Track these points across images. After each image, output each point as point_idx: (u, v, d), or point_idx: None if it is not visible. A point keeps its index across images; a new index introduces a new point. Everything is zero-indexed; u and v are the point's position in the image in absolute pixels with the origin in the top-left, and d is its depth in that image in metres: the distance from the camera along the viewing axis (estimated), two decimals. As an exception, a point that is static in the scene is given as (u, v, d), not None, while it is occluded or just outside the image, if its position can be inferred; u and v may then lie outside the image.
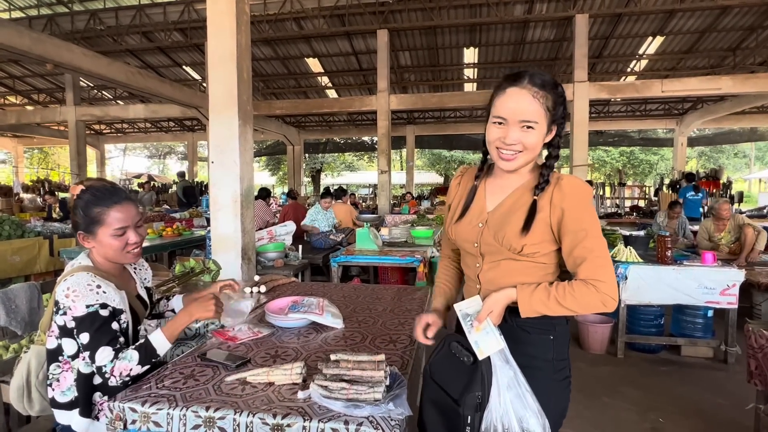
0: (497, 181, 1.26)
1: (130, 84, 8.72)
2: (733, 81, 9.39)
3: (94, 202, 1.35)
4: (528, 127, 1.12)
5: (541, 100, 1.11)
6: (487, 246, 1.20)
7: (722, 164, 23.47)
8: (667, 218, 6.12)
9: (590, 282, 1.08)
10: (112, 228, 1.35)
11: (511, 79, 1.14)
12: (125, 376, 1.26)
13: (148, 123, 19.31)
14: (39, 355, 1.39)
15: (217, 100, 3.64)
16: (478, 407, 1.08)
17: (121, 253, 1.38)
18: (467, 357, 1.13)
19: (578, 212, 1.12)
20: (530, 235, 1.14)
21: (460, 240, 1.27)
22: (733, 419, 2.65)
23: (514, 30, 10.94)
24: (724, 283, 3.39)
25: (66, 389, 1.33)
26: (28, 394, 1.38)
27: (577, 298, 1.08)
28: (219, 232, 3.61)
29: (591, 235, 1.11)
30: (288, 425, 1.07)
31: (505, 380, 1.08)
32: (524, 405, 1.07)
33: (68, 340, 1.31)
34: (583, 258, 1.10)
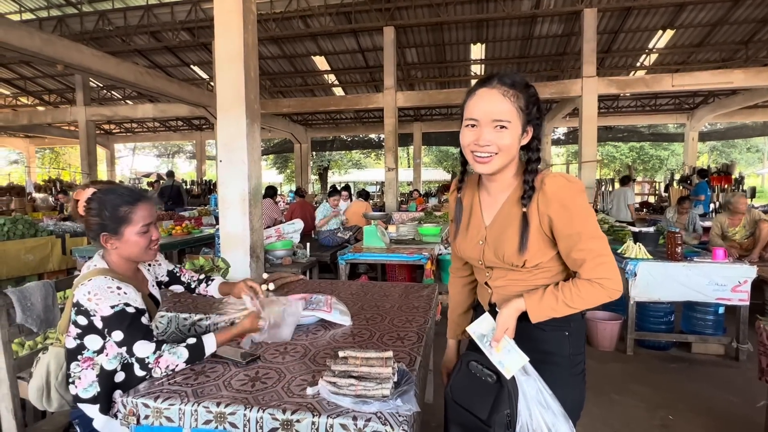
0: (487, 193, 1.25)
1: (138, 84, 8.79)
2: (746, 74, 9.24)
3: (121, 202, 1.36)
4: (501, 126, 1.10)
5: (512, 99, 1.10)
6: (491, 262, 1.23)
7: (734, 159, 23.14)
8: (676, 214, 6.06)
9: (595, 281, 1.09)
10: (138, 226, 1.37)
11: (482, 81, 1.14)
12: (170, 369, 1.30)
13: (156, 122, 19.48)
14: (58, 357, 1.41)
15: (225, 99, 3.66)
16: (508, 425, 1.07)
17: (145, 250, 1.42)
18: (490, 376, 1.12)
19: (566, 217, 1.10)
20: (528, 251, 1.13)
21: (467, 258, 1.31)
22: (744, 417, 2.62)
23: (522, 25, 10.85)
24: (736, 279, 3.35)
25: (88, 386, 1.36)
26: (47, 394, 1.41)
27: (584, 297, 1.10)
28: (228, 230, 3.64)
29: (585, 235, 1.09)
30: (297, 421, 1.08)
31: (532, 393, 1.08)
32: (552, 412, 1.07)
33: (92, 336, 1.34)
34: (583, 260, 1.09)
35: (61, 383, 1.41)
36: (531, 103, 1.13)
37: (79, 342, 1.35)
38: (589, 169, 9.90)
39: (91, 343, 1.35)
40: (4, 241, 4.70)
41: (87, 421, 1.37)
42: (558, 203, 1.10)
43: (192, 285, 1.76)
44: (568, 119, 15.54)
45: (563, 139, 21.71)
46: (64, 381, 1.42)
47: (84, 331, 1.34)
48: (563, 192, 1.10)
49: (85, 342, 1.35)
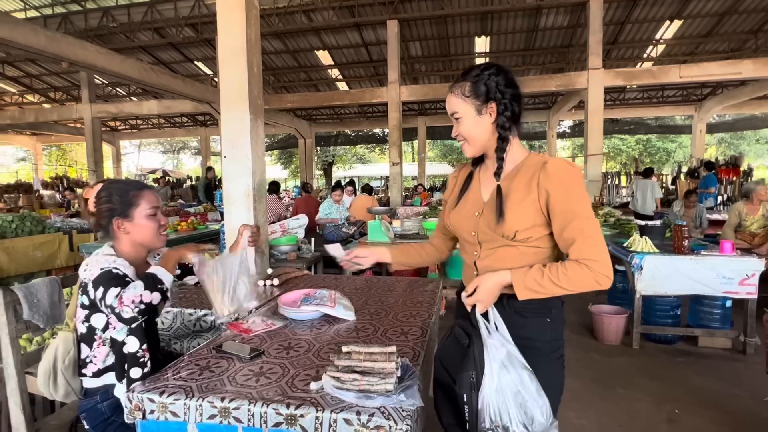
0: (487, 171, 1.34)
1: (143, 80, 8.81)
2: (755, 65, 9.11)
3: (128, 188, 1.47)
4: (456, 119, 1.27)
5: (457, 91, 1.25)
6: (484, 234, 1.26)
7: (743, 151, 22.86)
8: (683, 207, 6.00)
9: (583, 262, 1.11)
10: (147, 208, 1.45)
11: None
12: (138, 302, 1.26)
13: (161, 119, 19.54)
14: (66, 341, 1.45)
15: (229, 94, 3.65)
16: (473, 386, 1.11)
17: (156, 234, 1.48)
18: (464, 339, 1.19)
19: (564, 194, 1.14)
20: (521, 220, 1.18)
21: (458, 229, 1.35)
22: (751, 410, 2.61)
23: (527, 17, 10.75)
24: (744, 272, 3.32)
25: (105, 357, 1.40)
26: (54, 378, 1.44)
27: (571, 277, 1.12)
28: (232, 226, 3.65)
29: (580, 215, 1.13)
30: (301, 415, 1.09)
31: (499, 360, 1.10)
32: (522, 385, 1.09)
33: (97, 315, 1.38)
34: (573, 239, 1.13)
35: (68, 367, 1.45)
36: (479, 82, 1.22)
37: (88, 324, 1.38)
38: (595, 162, 9.83)
39: (97, 322, 1.38)
40: (12, 238, 4.74)
41: (95, 414, 1.39)
42: (558, 180, 1.15)
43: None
44: (574, 112, 15.40)
45: (569, 132, 21.53)
46: (71, 366, 1.46)
47: (90, 311, 1.37)
48: (563, 172, 1.16)
49: (92, 323, 1.38)
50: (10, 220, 4.90)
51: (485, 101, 1.22)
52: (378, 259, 1.56)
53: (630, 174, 14.23)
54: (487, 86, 1.21)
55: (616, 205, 9.36)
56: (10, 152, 30.44)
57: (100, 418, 1.39)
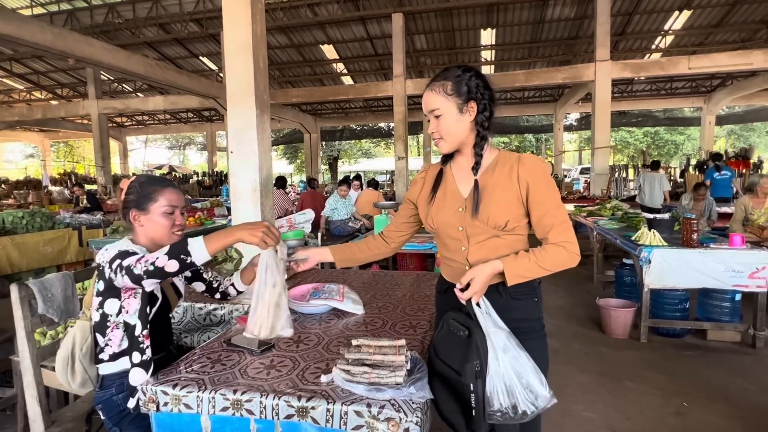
0: (461, 168, 1.38)
1: (148, 76, 8.85)
2: (766, 55, 8.97)
3: (151, 182, 1.49)
4: (436, 116, 1.30)
5: (438, 89, 1.29)
6: (473, 228, 1.31)
7: (753, 143, 22.55)
8: (692, 201, 5.95)
9: (560, 245, 1.25)
10: (164, 205, 1.46)
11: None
12: (150, 263, 1.23)
13: (167, 114, 19.63)
14: (83, 329, 1.47)
15: (234, 90, 3.66)
16: (478, 374, 1.16)
17: (168, 231, 1.48)
18: (462, 331, 1.22)
19: (542, 185, 1.27)
20: (509, 211, 1.27)
21: (444, 226, 1.37)
22: (760, 403, 2.60)
23: (533, 9, 10.65)
24: (754, 265, 3.29)
25: (120, 341, 1.41)
26: (72, 365, 1.46)
27: (554, 259, 1.25)
28: (239, 221, 3.67)
29: (555, 204, 1.27)
30: (312, 408, 1.10)
31: (501, 344, 1.17)
32: (521, 364, 1.16)
33: (110, 301, 1.39)
34: (552, 225, 1.26)
35: (86, 355, 1.47)
36: (460, 83, 1.28)
37: (102, 311, 1.40)
38: (603, 155, 9.75)
39: (110, 309, 1.40)
40: (23, 234, 4.80)
41: (110, 405, 1.41)
42: (536, 173, 1.28)
43: (214, 284, 1.77)
44: (581, 104, 15.27)
45: (575, 125, 21.36)
46: (88, 353, 1.48)
47: (103, 297, 1.39)
48: (539, 166, 1.30)
49: (106, 309, 1.39)
50: (20, 216, 4.96)
51: (466, 100, 1.27)
52: (320, 260, 1.59)
53: (638, 167, 14.10)
54: (468, 86, 1.28)
55: (624, 198, 9.28)
56: (18, 149, 30.73)
57: (116, 410, 1.41)
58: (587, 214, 6.01)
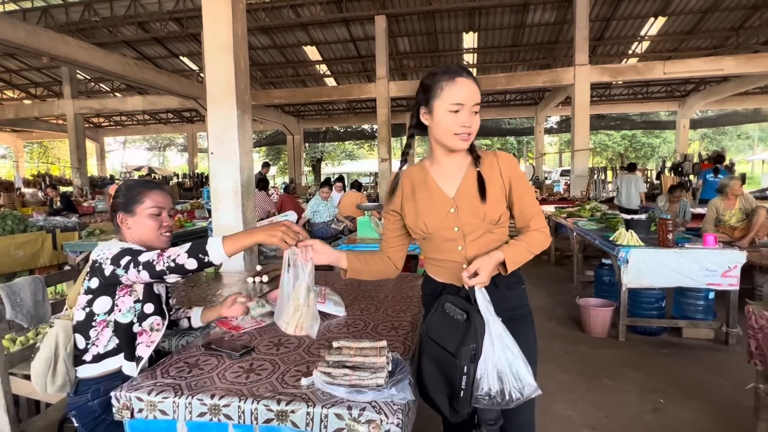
0: (443, 169, 1.39)
1: (126, 75, 8.66)
2: (737, 61, 9.28)
3: (137, 185, 1.52)
4: (475, 112, 1.30)
5: (479, 89, 1.31)
6: (469, 226, 1.33)
7: (725, 146, 23.31)
8: (668, 202, 6.10)
9: (541, 230, 1.37)
10: (150, 207, 1.47)
11: (455, 70, 1.29)
12: (171, 260, 1.26)
13: (146, 115, 19.25)
14: (66, 329, 1.42)
15: (215, 90, 3.61)
16: (472, 358, 1.20)
17: (155, 233, 1.48)
18: (461, 315, 1.25)
19: (522, 179, 1.38)
20: (501, 205, 1.33)
21: (438, 230, 1.36)
22: (733, 399, 2.67)
23: (514, 13, 10.80)
24: (726, 264, 3.39)
25: (107, 341, 1.39)
26: (54, 367, 1.40)
27: (538, 243, 1.36)
28: (220, 223, 3.62)
29: (532, 195, 1.40)
30: (292, 411, 1.08)
31: (497, 331, 1.21)
32: (513, 353, 1.21)
33: (101, 299, 1.37)
34: (533, 214, 1.38)
35: (69, 355, 1.42)
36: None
37: (89, 310, 1.38)
38: (582, 157, 9.94)
39: (100, 307, 1.38)
40: (-7, 237, 4.64)
41: (85, 412, 1.37)
42: (515, 168, 1.38)
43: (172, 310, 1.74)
44: (561, 108, 15.54)
45: (555, 128, 21.73)
46: (71, 354, 1.43)
47: (94, 295, 1.37)
48: (515, 161, 1.41)
49: (94, 308, 1.38)
50: (-10, 218, 4.79)
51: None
52: (332, 261, 1.39)
53: (616, 169, 14.42)
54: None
55: (602, 199, 9.47)
56: (-11, 149, 29.69)
57: (91, 416, 1.37)
58: (567, 215, 6.11)
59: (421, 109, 1.34)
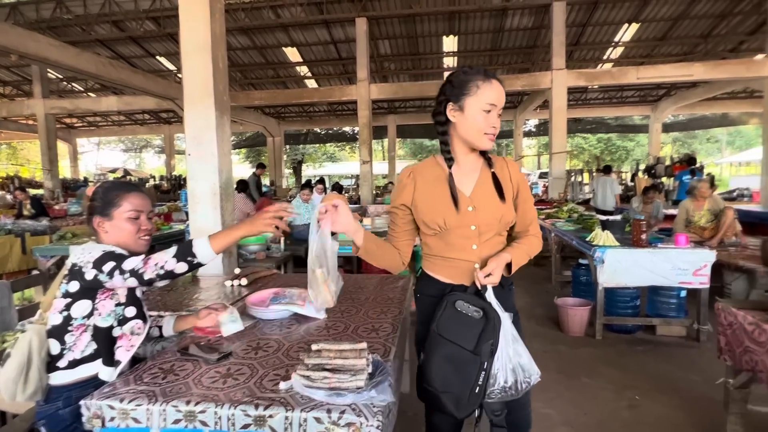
0: (460, 167, 1.42)
1: (100, 75, 8.44)
2: (705, 67, 9.61)
3: (114, 188, 1.48)
4: (499, 114, 1.35)
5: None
6: (486, 225, 1.37)
7: (695, 149, 24.10)
8: (642, 203, 6.27)
9: (537, 236, 1.46)
10: (127, 210, 1.43)
11: (490, 72, 1.34)
12: (159, 266, 1.27)
13: (122, 116, 18.78)
14: (40, 334, 1.37)
15: (193, 90, 3.55)
16: (491, 353, 1.26)
17: (134, 237, 1.44)
18: (477, 312, 1.29)
19: (526, 184, 1.45)
20: (512, 209, 1.40)
21: (457, 226, 1.37)
22: (704, 394, 2.75)
23: (493, 18, 10.95)
24: (697, 263, 3.50)
25: (85, 346, 1.35)
26: (26, 373, 1.35)
27: (535, 247, 1.44)
28: (198, 226, 3.55)
29: (532, 201, 1.48)
30: (270, 416, 1.07)
31: (509, 326, 1.29)
32: (520, 344, 1.30)
33: (80, 303, 1.33)
34: (531, 219, 1.46)
35: (44, 361, 1.37)
36: None
37: (66, 314, 1.33)
38: (560, 159, 10.13)
39: (78, 311, 1.34)
40: (-43, 242, 4.45)
41: (55, 421, 1.32)
42: (521, 174, 1.45)
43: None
44: (539, 111, 15.82)
45: (534, 131, 22.09)
46: (45, 360, 1.38)
47: (73, 299, 1.33)
48: (518, 168, 1.48)
49: (72, 312, 1.33)
50: (-46, 222, 4.59)
51: None
52: (350, 232, 1.36)
53: (592, 171, 14.74)
54: None
55: (579, 201, 9.68)
56: (-46, 151, 28.49)
57: (62, 425, 1.32)
58: (545, 217, 6.21)
59: (449, 104, 1.34)
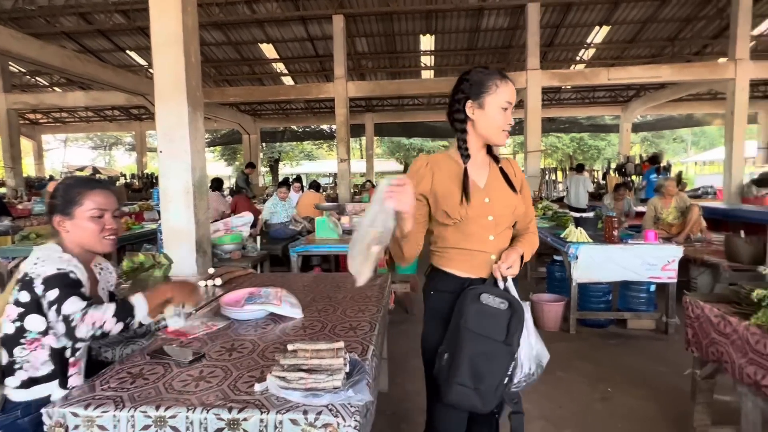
0: (474, 162, 1.46)
1: (66, 69, 8.11)
2: (672, 69, 9.93)
3: (76, 185, 1.39)
4: (511, 110, 1.44)
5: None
6: (503, 217, 1.42)
7: (662, 149, 24.93)
8: (613, 200, 6.44)
9: (536, 233, 1.54)
10: (90, 209, 1.35)
11: (504, 73, 1.42)
12: (97, 327, 1.20)
13: (90, 112, 18.12)
14: None
15: (164, 85, 3.44)
16: (518, 342, 1.32)
17: (97, 237, 1.37)
18: (502, 303, 1.32)
19: (527, 184, 1.53)
20: (521, 201, 1.46)
21: (476, 216, 1.38)
22: (673, 385, 2.85)
23: (470, 18, 11.03)
24: (665, 259, 3.62)
25: (41, 365, 1.27)
26: None
27: (536, 244, 1.51)
28: (171, 225, 3.45)
29: (531, 200, 1.56)
30: (244, 419, 1.04)
31: (528, 315, 1.35)
32: (536, 332, 1.38)
33: (34, 317, 1.26)
34: (532, 217, 1.53)
35: None
36: None
37: (20, 324, 1.26)
38: (534, 158, 10.31)
39: (32, 325, 1.26)
40: None
41: (14, 431, 1.25)
42: (522, 174, 1.54)
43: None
44: (514, 111, 16.02)
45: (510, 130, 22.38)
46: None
47: (26, 310, 1.25)
48: (519, 167, 1.56)
49: (26, 324, 1.26)
50: None
51: None
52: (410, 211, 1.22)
53: (565, 170, 15.06)
54: None
55: (553, 199, 9.88)
56: None
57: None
58: (521, 215, 6.30)
59: (468, 102, 1.38)
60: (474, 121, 1.39)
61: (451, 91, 1.45)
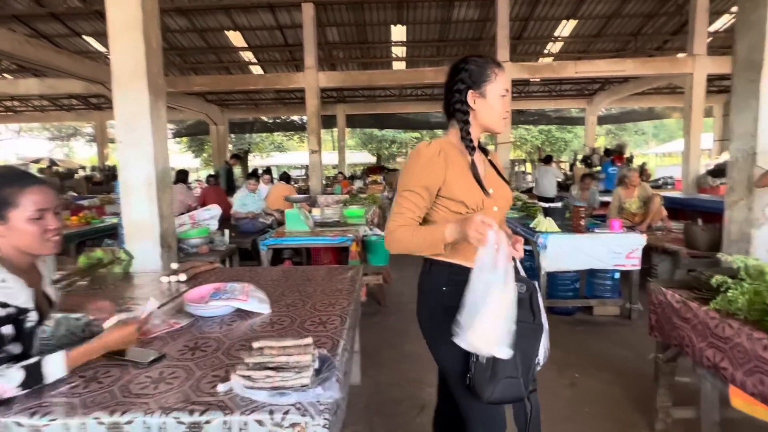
0: (477, 153, 1.48)
1: (16, 54, 7.61)
2: (635, 64, 10.24)
3: (7, 182, 1.20)
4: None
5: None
6: (504, 207, 1.47)
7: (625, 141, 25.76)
8: (580, 190, 6.60)
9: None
10: (28, 211, 1.19)
11: (498, 61, 1.41)
12: None
13: (44, 100, 17.16)
14: None
15: (122, 72, 3.27)
16: (545, 319, 1.38)
17: (40, 240, 1.22)
18: (521, 286, 1.32)
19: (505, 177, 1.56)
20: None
21: (487, 207, 1.38)
22: (637, 369, 2.95)
23: (441, 8, 11.01)
24: (629, 247, 3.73)
25: None
26: None
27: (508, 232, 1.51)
28: (132, 219, 3.30)
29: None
30: (207, 422, 0.99)
31: (539, 298, 1.39)
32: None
33: None
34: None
35: None
36: None
37: None
38: (504, 150, 10.45)
39: None
40: None
41: None
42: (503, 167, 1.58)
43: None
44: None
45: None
46: None
47: None
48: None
49: None
50: None
51: None
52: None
53: (534, 161, 15.37)
54: None
55: (523, 190, 10.06)
56: None
57: None
58: (492, 205, 6.38)
59: (470, 91, 1.36)
60: (476, 111, 1.38)
61: (447, 82, 1.42)
